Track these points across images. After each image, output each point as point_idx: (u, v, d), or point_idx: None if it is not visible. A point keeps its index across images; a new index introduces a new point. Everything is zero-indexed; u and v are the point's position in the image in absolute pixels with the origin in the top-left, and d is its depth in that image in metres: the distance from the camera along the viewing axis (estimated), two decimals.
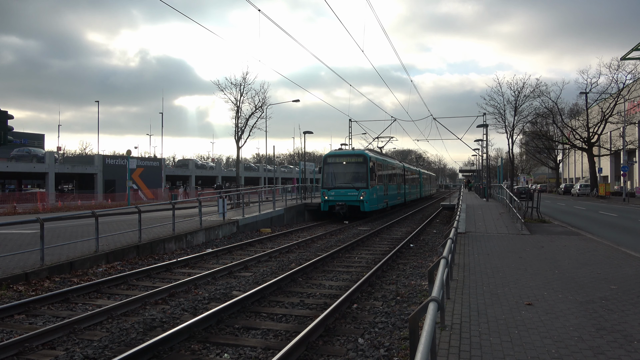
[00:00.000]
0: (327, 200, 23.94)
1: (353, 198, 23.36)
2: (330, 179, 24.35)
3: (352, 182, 23.91)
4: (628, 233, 17.02)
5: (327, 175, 24.48)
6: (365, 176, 23.68)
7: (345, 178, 24.23)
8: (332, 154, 25.65)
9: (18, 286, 8.97)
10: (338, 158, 24.84)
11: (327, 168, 24.59)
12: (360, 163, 24.08)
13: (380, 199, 25.98)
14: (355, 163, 24.25)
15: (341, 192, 23.65)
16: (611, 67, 46.06)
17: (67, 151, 78.18)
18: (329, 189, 23.99)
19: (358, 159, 24.27)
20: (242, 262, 11.56)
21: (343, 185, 23.90)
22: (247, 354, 5.80)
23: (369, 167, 23.69)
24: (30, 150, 45.74)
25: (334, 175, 24.35)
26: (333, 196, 23.73)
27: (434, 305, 3.47)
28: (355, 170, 24.10)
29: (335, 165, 24.61)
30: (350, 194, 23.48)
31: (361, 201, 23.30)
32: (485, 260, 10.08)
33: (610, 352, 4.75)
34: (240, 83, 36.38)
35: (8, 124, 14.19)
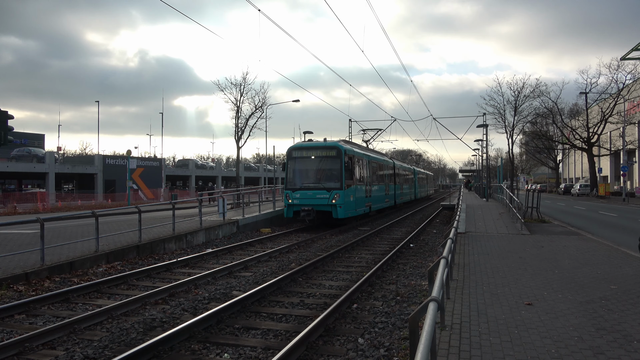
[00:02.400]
0: (291, 205, 19.39)
1: (323, 201, 18.82)
2: (294, 178, 19.88)
3: (322, 181, 19.34)
4: (628, 233, 17.02)
5: (291, 173, 19.98)
6: (338, 174, 19.06)
7: (314, 176, 19.68)
8: (298, 146, 20.51)
9: (18, 286, 8.97)
10: (305, 151, 20.01)
11: (292, 164, 20.03)
12: (333, 157, 19.31)
13: (360, 202, 21.30)
14: (326, 157, 19.55)
15: (308, 195, 19.10)
16: (611, 67, 46.10)
17: (67, 151, 78.27)
18: (293, 190, 19.43)
19: (330, 153, 19.44)
20: (242, 262, 11.56)
21: (311, 185, 19.34)
22: (247, 354, 5.80)
23: (343, 162, 19.03)
24: (30, 150, 45.75)
25: (300, 173, 19.92)
26: (298, 199, 19.20)
27: (434, 305, 3.47)
28: (326, 167, 19.53)
29: (301, 160, 19.97)
30: (320, 196, 18.89)
31: (333, 205, 18.72)
32: (485, 260, 10.08)
33: (610, 352, 4.75)
34: (240, 83, 36.32)
35: (8, 124, 14.18)
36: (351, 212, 19.91)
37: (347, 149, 19.87)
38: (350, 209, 19.67)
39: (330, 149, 19.60)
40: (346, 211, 19.14)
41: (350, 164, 19.70)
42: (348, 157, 19.50)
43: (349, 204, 19.51)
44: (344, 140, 22.39)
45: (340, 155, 19.20)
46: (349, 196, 19.47)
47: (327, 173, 19.50)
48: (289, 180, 19.88)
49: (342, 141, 21.33)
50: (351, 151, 20.44)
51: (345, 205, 18.96)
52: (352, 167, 20.04)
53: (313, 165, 19.88)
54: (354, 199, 20.15)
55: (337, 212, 18.76)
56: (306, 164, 20.01)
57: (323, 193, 18.90)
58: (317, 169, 19.78)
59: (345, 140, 22.81)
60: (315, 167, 19.81)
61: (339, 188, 18.84)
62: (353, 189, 20.06)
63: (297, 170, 19.96)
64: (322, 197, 18.86)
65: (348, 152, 19.73)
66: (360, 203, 21.40)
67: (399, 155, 73.86)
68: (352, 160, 20.12)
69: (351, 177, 19.82)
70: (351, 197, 19.74)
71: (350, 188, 19.71)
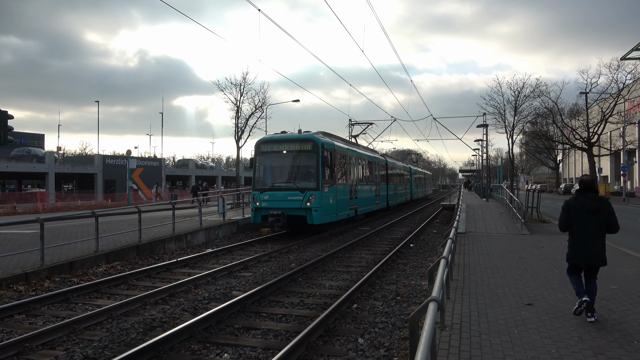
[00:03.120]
0: (258, 208, 16.52)
1: (295, 204, 16.02)
2: (263, 177, 17.14)
3: (295, 180, 16.55)
4: (628, 233, 17.01)
5: (259, 170, 17.20)
6: (315, 172, 16.24)
7: (285, 175, 16.94)
8: (267, 139, 17.65)
9: (18, 286, 8.97)
10: (275, 145, 17.18)
11: (260, 160, 17.23)
12: (309, 152, 16.52)
13: (342, 204, 18.37)
14: (300, 152, 16.71)
15: (278, 196, 16.26)
16: (611, 67, 45.93)
17: (67, 151, 78.29)
18: (261, 191, 16.54)
19: (304, 146, 16.60)
20: (242, 262, 11.56)
21: (281, 185, 16.58)
22: (247, 354, 5.80)
23: (320, 157, 16.20)
24: (30, 150, 45.78)
25: (269, 171, 17.17)
26: (267, 201, 16.34)
27: (434, 305, 3.47)
28: (300, 163, 16.76)
29: (270, 155, 17.18)
30: (292, 198, 16.08)
31: (307, 209, 15.86)
32: (485, 260, 10.07)
33: (610, 352, 4.75)
34: (240, 83, 36.32)
35: (8, 124, 14.19)
36: (331, 216, 17.08)
37: (325, 142, 17.00)
38: (329, 213, 16.88)
39: (305, 142, 16.68)
40: (324, 215, 16.36)
41: (330, 160, 17.02)
42: (327, 151, 16.78)
43: (328, 207, 16.75)
44: (323, 133, 18.90)
45: (316, 150, 16.36)
46: (328, 198, 16.71)
47: (301, 171, 16.72)
48: (256, 179, 17.15)
49: (320, 133, 18.29)
50: (331, 145, 17.50)
51: (322, 208, 16.15)
52: (333, 164, 17.36)
53: (285, 162, 17.08)
54: (334, 201, 17.34)
55: (312, 217, 15.90)
56: (276, 160, 17.23)
57: (296, 194, 16.06)
58: (289, 166, 16.95)
59: (325, 133, 19.25)
60: (287, 164, 17.01)
61: (315, 188, 15.97)
62: (333, 190, 17.24)
63: (266, 168, 17.19)
64: (295, 199, 16.06)
65: (327, 146, 16.95)
66: (343, 205, 18.63)
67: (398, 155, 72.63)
68: (333, 155, 17.43)
69: (331, 176, 17.18)
70: (330, 199, 16.92)
71: (330, 188, 16.94)
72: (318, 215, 15.97)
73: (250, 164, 17.83)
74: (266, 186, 16.75)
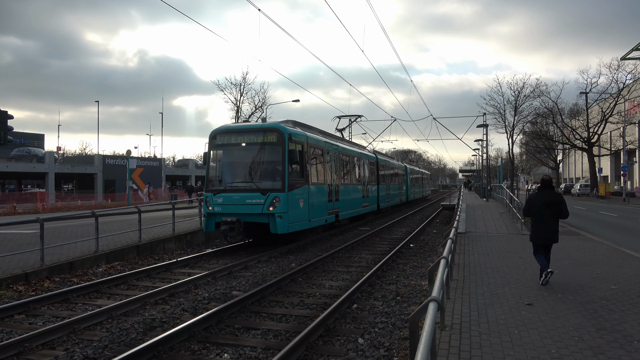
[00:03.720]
0: (211, 214, 13.37)
1: (254, 209, 12.88)
2: (217, 175, 14.27)
3: (255, 179, 13.43)
4: (628, 233, 17.02)
5: (213, 167, 14.34)
6: (280, 169, 13.16)
7: (244, 173, 13.86)
8: (223, 129, 14.42)
9: (18, 286, 8.97)
10: (233, 137, 14.13)
11: (214, 155, 14.32)
12: (272, 145, 13.43)
13: (318, 208, 15.29)
14: (262, 145, 13.63)
15: (234, 199, 13.13)
16: (611, 67, 46.12)
17: (67, 151, 78.33)
18: (215, 193, 13.43)
19: (268, 138, 13.54)
20: (242, 262, 11.55)
21: (239, 185, 13.52)
22: (247, 354, 5.80)
23: (287, 151, 13.09)
24: (30, 150, 45.81)
25: (225, 168, 14.23)
26: (220, 205, 13.20)
27: (434, 305, 3.47)
28: (263, 159, 13.67)
29: (227, 149, 14.14)
30: (251, 201, 12.95)
31: (270, 215, 12.77)
32: (485, 260, 10.08)
33: (610, 352, 4.75)
34: (240, 83, 36.37)
35: (8, 124, 14.19)
36: (301, 223, 13.96)
37: (294, 132, 13.86)
38: (298, 219, 13.68)
39: (269, 132, 13.59)
40: (291, 222, 13.19)
41: (301, 154, 14.01)
42: (296, 144, 13.72)
43: (297, 212, 13.57)
44: (294, 122, 15.78)
45: (282, 142, 13.21)
46: (297, 201, 13.56)
47: (263, 168, 13.61)
48: (210, 179, 14.15)
49: (290, 122, 15.15)
50: (301, 136, 14.31)
51: (290, 213, 13.02)
52: (305, 160, 14.29)
53: (243, 157, 14.06)
54: (306, 205, 14.12)
55: (275, 225, 12.73)
56: (234, 155, 14.24)
57: (256, 197, 12.92)
58: (248, 162, 13.83)
59: (297, 122, 16.03)
60: (247, 160, 13.92)
61: (280, 189, 12.90)
62: (305, 191, 14.03)
63: (221, 164, 14.27)
64: (255, 202, 12.90)
65: (296, 138, 13.80)
66: (319, 209, 15.41)
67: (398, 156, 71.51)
68: (305, 149, 14.30)
69: (302, 174, 14.13)
70: (301, 202, 13.75)
71: (301, 189, 13.80)
72: (283, 223, 12.80)
73: (203, 160, 14.84)
74: (220, 187, 13.70)
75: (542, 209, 7.82)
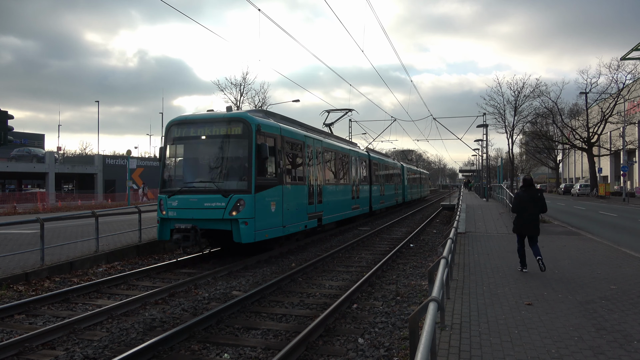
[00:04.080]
0: (165, 219, 11.46)
1: (215, 214, 10.99)
2: (173, 173, 12.39)
3: (216, 179, 11.46)
4: (628, 233, 17.02)
5: (168, 164, 12.33)
6: (246, 166, 11.25)
7: (203, 171, 12.00)
8: (181, 120, 12.25)
9: (18, 286, 8.97)
10: (192, 128, 12.06)
11: (171, 150, 12.32)
12: (237, 138, 11.55)
13: (295, 212, 13.28)
14: (225, 138, 11.70)
15: (191, 202, 11.21)
16: (611, 67, 46.23)
17: (67, 151, 78.32)
18: (170, 195, 11.47)
19: (232, 129, 11.61)
20: (242, 262, 11.55)
21: (196, 186, 11.54)
22: (247, 354, 5.80)
23: (255, 145, 11.21)
24: (30, 150, 45.84)
25: (182, 166, 12.36)
26: (175, 209, 11.29)
27: (434, 305, 3.47)
28: (226, 154, 11.73)
29: (184, 143, 12.24)
30: (210, 204, 11.05)
31: (234, 221, 10.90)
32: (485, 260, 10.08)
33: (610, 352, 4.75)
34: (240, 83, 36.36)
35: (8, 124, 14.19)
36: (273, 230, 11.93)
37: (263, 123, 11.85)
38: (269, 225, 11.71)
39: (233, 122, 11.61)
40: (260, 230, 11.25)
41: (273, 149, 12.02)
42: (267, 137, 11.74)
43: (269, 217, 11.65)
44: (266, 112, 14.27)
45: (248, 134, 11.28)
46: (268, 204, 11.63)
47: (226, 165, 11.64)
48: (164, 178, 12.12)
49: (260, 112, 13.49)
50: (273, 128, 12.34)
51: (258, 219, 11.13)
52: (278, 156, 12.33)
53: (203, 152, 12.18)
54: (279, 208, 12.17)
55: (239, 232, 10.80)
56: (192, 150, 12.28)
57: (216, 199, 11.02)
58: (209, 159, 11.98)
59: (269, 112, 14.30)
60: (207, 155, 12.06)
61: (246, 190, 11.01)
62: (277, 192, 12.12)
63: (178, 161, 12.46)
64: (215, 206, 10.98)
65: (267, 130, 11.85)
66: (296, 213, 13.41)
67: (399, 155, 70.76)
68: (278, 143, 12.40)
69: (276, 172, 12.18)
70: (272, 206, 11.82)
71: (273, 190, 11.88)
72: (249, 230, 10.86)
73: (159, 157, 12.57)
74: (176, 187, 11.74)
75: (529, 204, 8.97)
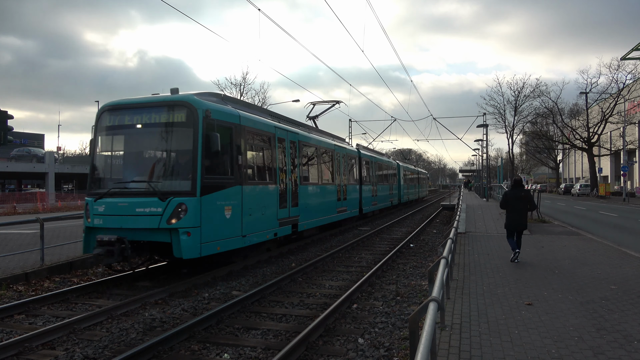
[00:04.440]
0: (91, 228, 9.32)
1: (149, 223, 8.81)
2: (100, 171, 10.17)
3: (152, 178, 9.34)
4: (628, 233, 17.02)
5: (99, 160, 10.18)
6: (190, 162, 9.12)
7: (137, 168, 9.84)
8: (113, 105, 10.06)
9: (18, 286, 8.97)
10: (127, 115, 9.79)
11: (102, 141, 10.15)
12: (180, 127, 9.43)
13: (257, 218, 10.84)
14: (165, 127, 9.53)
15: (120, 207, 9.06)
16: (611, 67, 46.23)
17: (67, 151, 78.33)
18: (96, 198, 9.36)
19: (174, 116, 9.41)
20: (242, 262, 11.54)
21: (128, 187, 9.41)
22: (247, 354, 5.80)
23: (201, 135, 9.05)
24: (30, 150, 45.88)
25: (114, 161, 10.32)
26: (101, 216, 9.17)
27: (434, 305, 3.47)
28: (165, 147, 9.67)
29: (118, 133, 10.05)
30: (143, 210, 8.87)
31: (173, 231, 8.72)
32: (485, 260, 10.08)
33: (610, 352, 4.75)
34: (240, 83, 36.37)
35: (8, 124, 14.20)
36: (228, 241, 9.63)
37: (215, 109, 9.46)
38: (222, 235, 9.44)
39: (175, 107, 9.29)
40: (208, 241, 8.98)
41: (229, 141, 9.80)
42: (220, 126, 9.34)
43: (221, 225, 9.38)
44: (223, 96, 11.26)
45: (193, 122, 9.04)
46: (221, 208, 9.38)
47: (165, 160, 9.57)
48: (93, 177, 9.93)
49: (213, 96, 10.52)
50: (229, 116, 9.97)
51: (205, 228, 8.91)
52: (236, 149, 9.98)
53: (137, 145, 9.95)
54: (237, 214, 9.86)
55: (180, 246, 8.57)
56: (125, 142, 10.01)
57: (151, 203, 8.77)
58: (144, 153, 9.96)
59: (228, 97, 11.55)
60: (141, 149, 9.98)
61: (189, 192, 8.81)
62: (235, 193, 9.80)
63: (108, 156, 10.24)
64: (149, 212, 8.76)
65: (219, 117, 9.48)
66: (262, 220, 11.04)
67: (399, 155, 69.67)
68: (237, 134, 10.06)
69: (231, 169, 9.82)
70: (227, 211, 9.51)
71: (228, 191, 9.59)
72: (193, 242, 8.63)
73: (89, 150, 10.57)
74: (104, 189, 9.51)
75: (517, 202, 9.97)
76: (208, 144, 9.07)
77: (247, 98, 37.75)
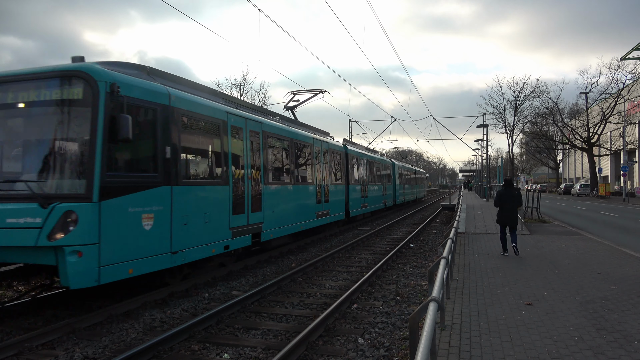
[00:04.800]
0: None
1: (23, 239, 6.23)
2: None
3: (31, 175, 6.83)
4: (628, 233, 17.02)
5: None
6: (86, 152, 6.57)
7: (14, 162, 7.32)
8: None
9: (18, 286, 8.96)
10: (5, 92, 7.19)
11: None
12: (73, 105, 6.80)
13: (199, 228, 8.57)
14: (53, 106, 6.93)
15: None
16: (611, 67, 46.30)
17: None
18: None
19: (66, 91, 6.76)
20: (242, 262, 11.54)
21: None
22: (247, 354, 5.80)
23: (102, 116, 6.55)
24: None
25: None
26: None
27: (434, 305, 3.47)
28: (52, 134, 6.96)
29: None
30: (16, 220, 6.24)
31: (58, 249, 6.16)
32: (485, 260, 10.09)
33: (610, 352, 4.75)
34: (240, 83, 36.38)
35: None
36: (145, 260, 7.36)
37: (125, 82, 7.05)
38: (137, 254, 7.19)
39: (69, 80, 6.85)
40: (111, 263, 6.68)
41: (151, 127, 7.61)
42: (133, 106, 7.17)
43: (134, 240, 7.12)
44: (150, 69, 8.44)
45: (93, 98, 6.69)
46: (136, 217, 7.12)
47: (50, 152, 6.96)
48: None
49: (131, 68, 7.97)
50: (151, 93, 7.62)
51: (108, 244, 6.59)
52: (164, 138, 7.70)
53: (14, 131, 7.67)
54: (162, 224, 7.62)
55: (67, 271, 6.17)
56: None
57: (26, 211, 6.33)
58: (22, 141, 7.51)
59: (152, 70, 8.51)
60: (20, 136, 7.62)
61: (82, 195, 6.45)
62: (159, 196, 7.57)
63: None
64: (23, 223, 6.30)
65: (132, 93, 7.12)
66: (207, 230, 8.89)
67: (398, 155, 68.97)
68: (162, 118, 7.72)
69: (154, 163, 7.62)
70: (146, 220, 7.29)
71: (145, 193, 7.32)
72: (85, 265, 6.35)
73: None
74: None
75: (509, 201, 11.09)
76: (114, 129, 6.61)
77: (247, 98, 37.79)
